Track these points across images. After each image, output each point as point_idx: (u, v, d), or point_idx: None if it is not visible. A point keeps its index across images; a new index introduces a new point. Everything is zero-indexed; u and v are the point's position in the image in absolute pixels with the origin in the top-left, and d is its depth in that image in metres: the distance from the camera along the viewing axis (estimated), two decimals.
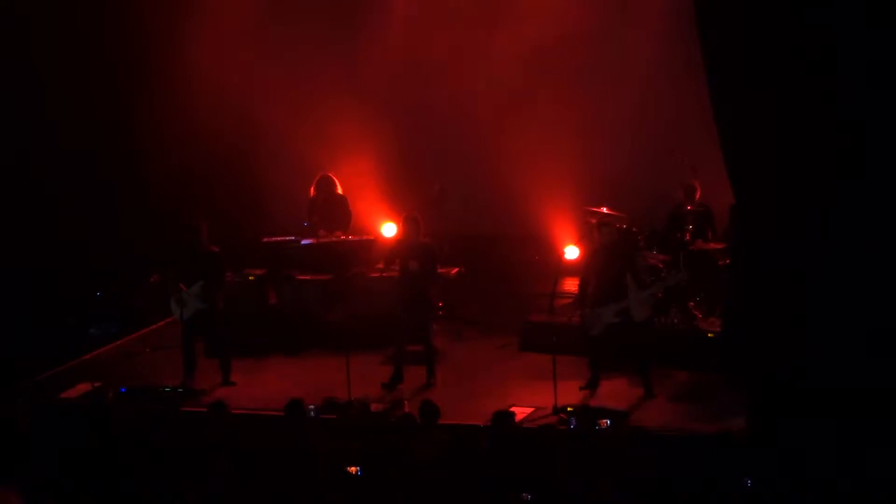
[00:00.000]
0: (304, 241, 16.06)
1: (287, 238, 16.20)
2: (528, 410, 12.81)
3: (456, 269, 16.31)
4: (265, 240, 16.28)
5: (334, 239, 16.04)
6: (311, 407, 12.29)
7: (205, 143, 17.72)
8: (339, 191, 16.24)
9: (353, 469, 10.77)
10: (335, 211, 16.15)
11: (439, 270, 15.41)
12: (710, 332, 14.42)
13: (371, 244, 16.20)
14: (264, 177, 17.97)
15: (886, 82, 10.11)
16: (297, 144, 17.51)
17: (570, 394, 13.05)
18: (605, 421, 12.02)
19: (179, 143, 17.64)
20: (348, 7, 18.36)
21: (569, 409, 12.57)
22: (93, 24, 17.35)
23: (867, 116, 10.25)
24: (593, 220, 15.63)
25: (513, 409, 12.38)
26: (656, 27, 17.10)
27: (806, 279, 10.75)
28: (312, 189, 16.24)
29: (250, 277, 15.76)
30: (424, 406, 11.58)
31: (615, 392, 13.49)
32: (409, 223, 14.10)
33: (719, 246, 15.04)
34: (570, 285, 16.57)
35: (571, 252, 17.04)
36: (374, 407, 12.89)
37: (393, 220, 16.70)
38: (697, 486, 10.25)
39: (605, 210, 15.95)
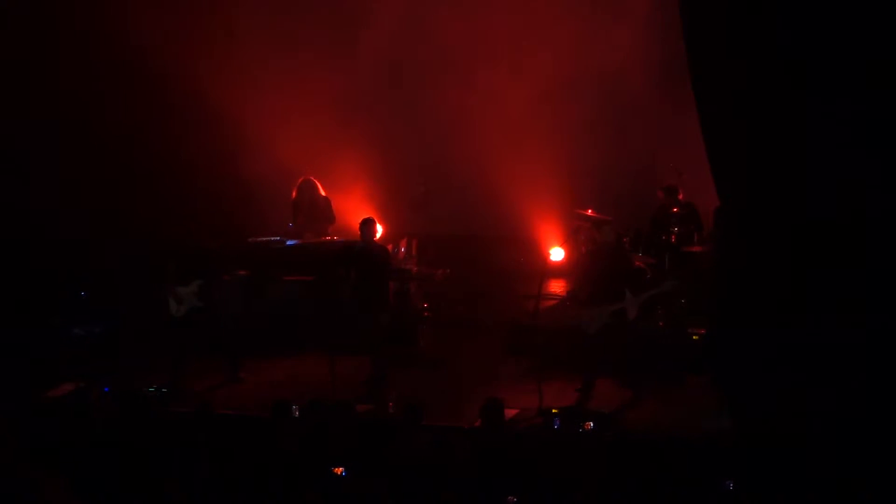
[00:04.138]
0: (289, 242, 16.05)
1: (272, 238, 16.19)
2: (514, 412, 12.81)
3: (441, 271, 16.32)
4: (250, 240, 16.26)
5: (319, 240, 16.04)
6: (296, 408, 12.27)
7: (192, 144, 17.71)
8: (323, 193, 16.24)
9: (338, 470, 10.76)
10: (320, 213, 16.15)
11: (424, 272, 15.49)
12: (695, 334, 14.44)
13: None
14: (250, 177, 17.96)
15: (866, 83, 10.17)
16: (283, 145, 17.51)
17: (556, 395, 13.05)
18: (589, 423, 12.03)
19: (167, 143, 17.63)
20: (336, 11, 18.35)
21: (554, 410, 12.57)
22: (82, 26, 17.33)
23: (850, 117, 10.29)
24: (588, 224, 15.70)
25: None
26: (642, 28, 17.15)
27: (793, 280, 10.77)
28: (294, 192, 16.25)
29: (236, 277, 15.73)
30: (409, 407, 11.58)
31: (602, 394, 13.50)
32: (368, 226, 14.08)
33: (704, 248, 15.07)
34: (556, 287, 16.62)
35: (557, 254, 17.08)
36: (358, 408, 12.89)
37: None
38: (681, 488, 10.26)
39: (590, 212, 15.97)
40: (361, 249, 14.08)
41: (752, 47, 10.43)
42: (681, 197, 15.44)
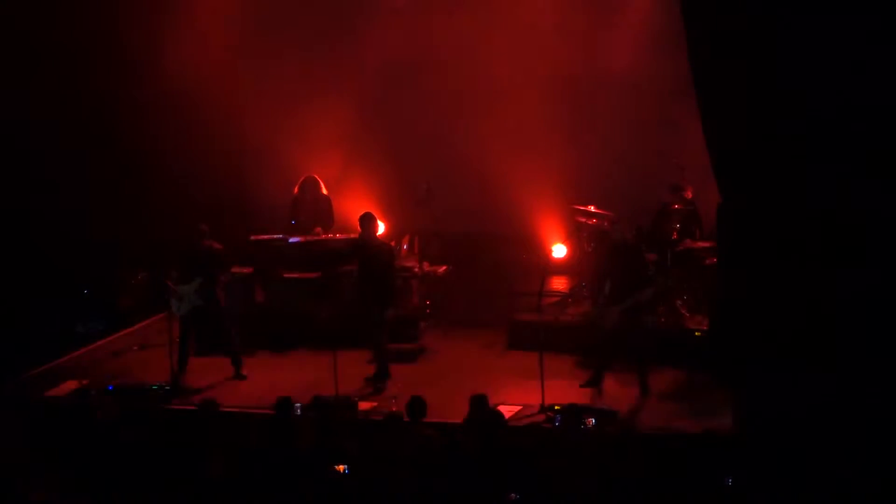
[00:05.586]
0: (291, 240, 16.06)
1: (274, 236, 16.19)
2: (516, 409, 12.83)
3: (444, 268, 16.34)
4: (252, 238, 16.27)
5: (322, 237, 16.05)
6: (298, 405, 12.27)
7: (192, 142, 17.71)
8: (324, 191, 16.27)
9: (340, 467, 10.77)
10: (321, 211, 16.17)
11: (427, 269, 15.48)
12: (698, 331, 14.43)
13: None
14: (251, 175, 17.97)
15: (867, 82, 10.18)
16: (284, 143, 17.52)
17: (558, 392, 13.05)
18: (590, 420, 12.03)
19: (167, 142, 17.63)
20: (334, 8, 18.35)
21: (556, 407, 12.57)
22: (84, 26, 17.32)
23: (850, 116, 10.30)
24: (592, 220, 15.75)
25: (500, 407, 12.40)
26: (645, 28, 17.13)
27: (793, 278, 10.78)
28: (296, 188, 16.27)
29: (238, 275, 15.73)
30: (412, 403, 11.56)
31: (605, 390, 13.50)
32: (367, 222, 14.06)
33: (706, 245, 15.07)
34: (558, 284, 16.62)
35: (558, 250, 17.08)
36: (360, 405, 12.90)
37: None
38: (682, 485, 10.27)
39: (592, 209, 15.99)
40: (362, 245, 14.08)
41: (752, 46, 10.44)
42: (689, 195, 15.44)
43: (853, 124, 10.32)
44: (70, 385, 13.76)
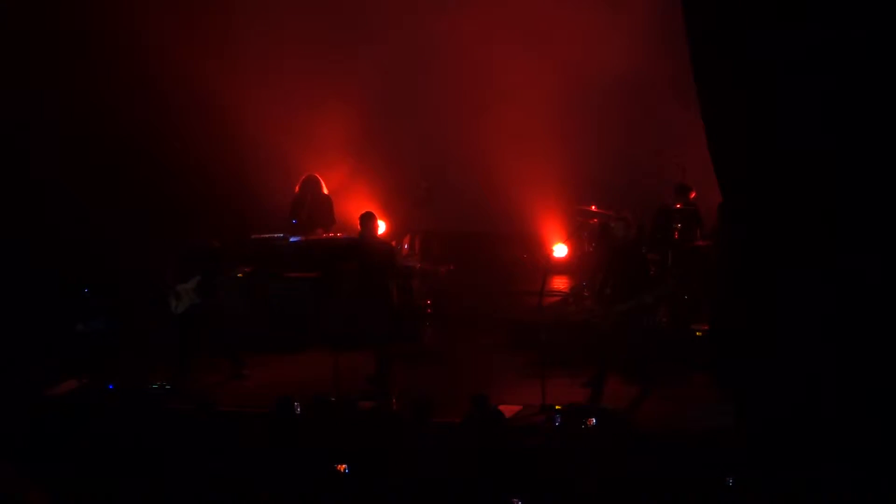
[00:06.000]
0: (292, 239, 16.07)
1: (275, 235, 16.20)
2: (516, 409, 12.83)
3: (444, 267, 16.35)
4: (253, 237, 16.28)
5: (322, 236, 16.06)
6: (297, 404, 12.27)
7: (193, 141, 17.71)
8: (325, 190, 16.28)
9: (340, 467, 10.78)
10: (322, 210, 16.19)
11: (427, 268, 15.47)
12: (698, 331, 14.43)
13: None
14: (252, 175, 17.97)
15: (867, 82, 10.18)
16: (285, 143, 17.52)
17: (558, 392, 13.04)
18: (590, 420, 12.03)
19: (168, 142, 17.64)
20: (335, 9, 18.35)
21: (556, 407, 12.56)
22: (86, 26, 17.33)
23: (850, 116, 10.30)
24: (593, 220, 15.75)
25: (500, 407, 12.40)
26: (648, 29, 17.14)
27: (795, 277, 10.78)
28: (297, 187, 16.28)
29: (238, 275, 15.74)
30: (417, 403, 11.55)
31: (606, 390, 13.48)
32: (367, 221, 14.05)
33: (707, 244, 15.07)
34: (559, 283, 16.63)
35: (559, 250, 17.09)
36: (361, 405, 12.90)
37: None
38: (682, 485, 10.27)
39: (593, 208, 16.00)
40: (362, 244, 14.09)
41: (753, 46, 10.44)
42: (691, 197, 15.43)
43: (853, 124, 10.32)
44: (70, 384, 13.75)
